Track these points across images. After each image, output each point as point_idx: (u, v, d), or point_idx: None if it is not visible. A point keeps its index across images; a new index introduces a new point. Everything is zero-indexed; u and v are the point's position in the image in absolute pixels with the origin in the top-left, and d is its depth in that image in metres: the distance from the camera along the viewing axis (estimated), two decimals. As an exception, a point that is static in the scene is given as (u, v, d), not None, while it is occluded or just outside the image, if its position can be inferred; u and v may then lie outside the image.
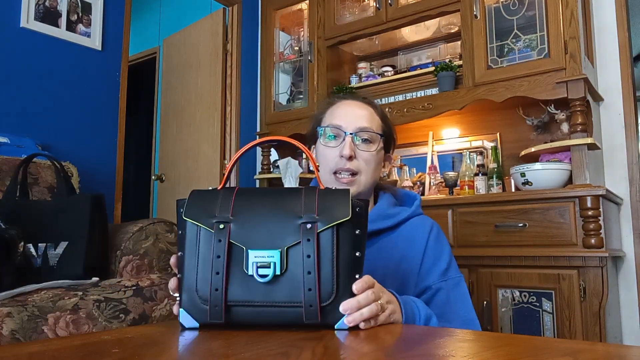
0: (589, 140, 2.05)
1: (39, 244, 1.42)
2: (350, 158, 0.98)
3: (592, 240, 1.87)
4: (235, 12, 3.39)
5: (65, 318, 1.19)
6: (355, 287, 0.67)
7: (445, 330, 0.72)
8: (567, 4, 2.15)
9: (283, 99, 3.32)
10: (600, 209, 1.91)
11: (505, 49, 2.39)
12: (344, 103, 1.06)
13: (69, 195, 1.54)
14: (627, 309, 2.28)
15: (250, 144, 0.75)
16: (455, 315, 0.97)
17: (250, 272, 0.65)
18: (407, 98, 2.72)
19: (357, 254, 0.68)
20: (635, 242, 2.31)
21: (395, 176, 2.76)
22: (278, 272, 0.65)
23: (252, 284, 0.65)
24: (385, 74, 2.93)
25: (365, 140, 1.01)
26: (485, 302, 2.06)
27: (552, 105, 2.30)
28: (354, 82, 3.00)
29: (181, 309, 0.68)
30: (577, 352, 0.50)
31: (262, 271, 0.65)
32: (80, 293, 1.27)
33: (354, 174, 0.99)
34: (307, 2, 3.13)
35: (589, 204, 1.89)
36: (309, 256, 0.65)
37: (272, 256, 0.65)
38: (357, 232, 0.68)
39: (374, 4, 2.80)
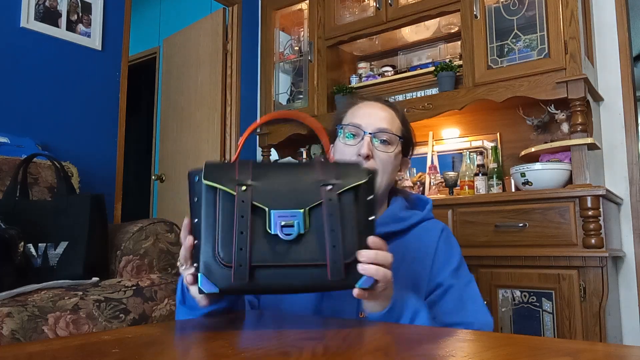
0: (589, 140, 2.05)
1: (39, 244, 1.42)
2: (368, 157, 0.98)
3: (592, 240, 1.87)
4: (235, 12, 3.39)
5: (65, 318, 1.19)
6: (370, 240, 0.69)
7: (445, 330, 0.72)
8: (567, 4, 2.15)
9: (283, 99, 3.32)
10: (600, 209, 1.91)
11: (506, 49, 2.39)
12: (366, 104, 1.07)
13: (69, 195, 1.54)
14: (627, 309, 2.28)
15: (269, 116, 0.77)
16: (472, 315, 0.97)
17: (274, 231, 0.65)
18: (407, 98, 2.72)
19: (370, 218, 0.70)
20: (635, 242, 2.31)
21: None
22: (302, 230, 0.65)
23: (276, 245, 0.65)
24: (385, 74, 2.93)
25: (383, 142, 1.01)
26: (485, 302, 2.06)
27: (552, 105, 2.30)
28: (354, 82, 3.00)
29: (200, 274, 0.66)
30: (577, 352, 0.50)
31: (286, 230, 0.65)
32: (81, 293, 1.27)
33: None
34: (307, 2, 3.13)
35: (589, 204, 1.89)
36: (331, 214, 0.66)
37: (295, 215, 0.66)
38: (369, 197, 0.71)
39: (374, 4, 2.80)
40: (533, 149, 2.26)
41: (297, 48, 3.26)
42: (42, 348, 0.62)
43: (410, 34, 2.91)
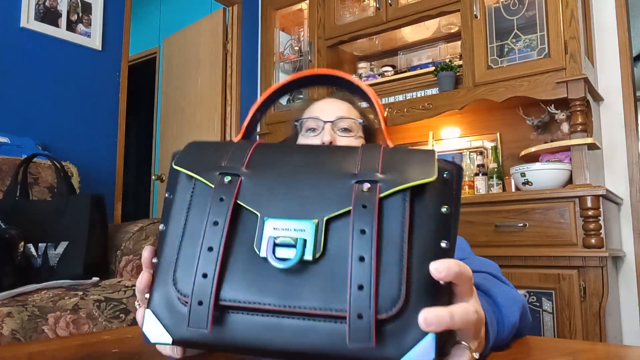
0: (589, 140, 2.05)
1: (39, 244, 1.42)
2: (331, 143, 0.96)
3: (592, 240, 1.87)
4: (235, 12, 3.39)
5: (65, 318, 1.19)
6: (434, 266, 0.39)
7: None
8: (567, 4, 2.15)
9: (283, 99, 3.32)
10: (600, 209, 1.91)
11: (505, 49, 2.39)
12: (321, 100, 1.08)
13: (69, 195, 1.54)
14: (627, 309, 2.28)
15: (295, 75, 0.53)
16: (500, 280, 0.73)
17: (262, 253, 0.40)
18: (407, 98, 2.72)
19: (442, 244, 0.41)
20: (635, 242, 2.31)
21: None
22: (309, 256, 0.39)
23: (265, 275, 0.40)
24: (386, 74, 2.93)
25: (344, 130, 1.00)
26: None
27: (552, 105, 2.30)
28: (354, 82, 3.00)
29: (147, 310, 0.42)
30: (577, 352, 0.50)
31: (281, 252, 0.40)
32: (81, 293, 1.27)
33: None
34: (307, 2, 3.13)
35: (589, 204, 1.89)
36: (363, 232, 0.39)
37: (301, 229, 0.40)
38: (443, 209, 0.42)
39: (374, 4, 2.80)
40: (533, 149, 2.26)
41: (297, 48, 3.26)
42: (42, 348, 0.62)
43: (410, 34, 2.92)
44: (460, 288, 0.41)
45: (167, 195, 0.46)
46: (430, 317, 0.37)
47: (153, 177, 3.92)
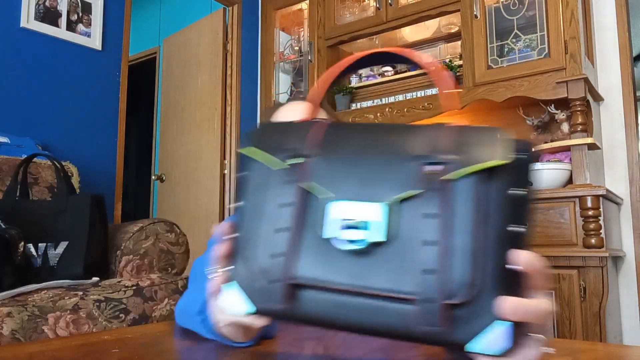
0: (589, 140, 2.05)
1: (39, 244, 1.42)
2: None
3: (592, 240, 1.87)
4: (235, 12, 3.39)
5: (65, 318, 1.19)
6: (515, 256, 0.38)
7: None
8: (567, 4, 2.15)
9: (283, 99, 3.32)
10: (601, 209, 1.91)
11: (506, 49, 2.39)
12: (284, 106, 1.06)
13: (69, 195, 1.54)
14: (627, 309, 2.27)
15: (363, 53, 0.52)
16: None
17: (329, 235, 0.41)
18: (408, 98, 2.72)
19: (518, 227, 0.40)
20: (635, 242, 2.31)
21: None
22: (379, 239, 0.39)
23: (334, 256, 0.41)
24: (386, 74, 2.93)
25: None
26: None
27: (552, 105, 2.30)
28: (354, 82, 3.00)
29: (233, 282, 0.44)
30: (577, 352, 0.50)
31: (349, 234, 0.40)
32: (81, 293, 1.27)
33: None
34: (307, 2, 3.13)
35: (589, 204, 1.89)
36: (432, 215, 0.39)
37: (370, 212, 0.40)
38: (517, 192, 0.41)
39: (374, 4, 2.80)
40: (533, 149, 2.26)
41: (297, 48, 3.26)
42: (42, 348, 0.62)
43: (410, 34, 2.92)
44: (532, 280, 0.40)
45: (240, 173, 0.47)
46: (508, 307, 0.37)
47: (153, 177, 3.92)
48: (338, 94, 2.95)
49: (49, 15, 2.34)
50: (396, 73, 2.90)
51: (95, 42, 2.51)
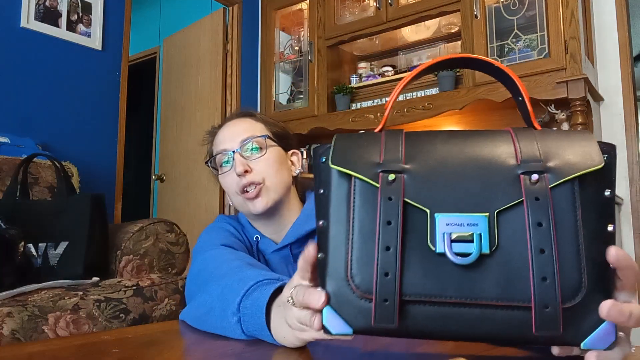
0: (589, 140, 2.05)
1: (39, 244, 1.42)
2: (247, 172, 0.93)
3: (592, 240, 1.87)
4: (235, 12, 3.39)
5: (65, 318, 1.19)
6: (615, 253, 0.41)
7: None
8: (567, 4, 2.15)
9: (283, 98, 3.32)
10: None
11: (506, 49, 2.39)
12: (223, 127, 1.02)
13: (69, 195, 1.54)
14: (627, 309, 2.28)
15: (437, 59, 0.54)
16: None
17: (439, 249, 0.41)
18: (408, 98, 2.72)
19: (609, 227, 0.42)
20: (635, 242, 2.31)
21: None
22: (486, 250, 0.41)
23: (442, 270, 0.42)
24: (386, 73, 2.93)
25: (254, 149, 0.96)
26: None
27: (553, 105, 2.30)
28: (354, 82, 3.00)
29: (326, 308, 0.44)
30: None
31: (459, 247, 0.41)
32: (81, 293, 1.27)
33: (258, 184, 0.94)
34: (307, 2, 3.13)
35: (589, 204, 1.89)
36: (540, 224, 0.40)
37: (475, 224, 0.41)
38: (607, 193, 0.43)
39: (374, 4, 2.80)
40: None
41: (297, 48, 3.26)
42: (42, 348, 0.62)
43: (410, 33, 2.92)
44: (625, 281, 0.42)
45: (320, 191, 0.47)
46: (613, 312, 0.39)
47: (153, 177, 3.92)
48: (338, 94, 2.95)
49: (49, 15, 2.34)
50: (396, 73, 2.90)
51: (95, 42, 2.51)
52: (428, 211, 0.43)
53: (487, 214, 0.41)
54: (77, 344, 0.65)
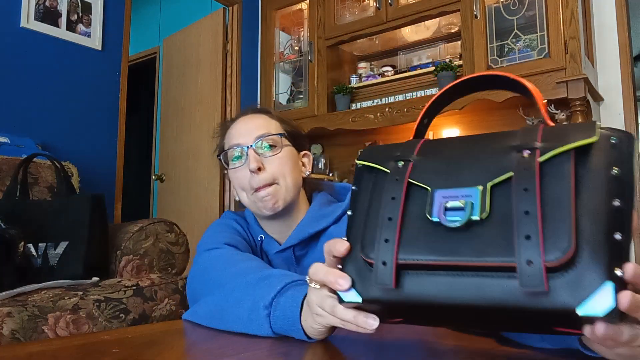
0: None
1: (39, 244, 1.42)
2: (260, 169, 0.92)
3: (592, 240, 1.87)
4: (235, 12, 3.39)
5: (65, 318, 1.19)
6: (632, 271, 0.39)
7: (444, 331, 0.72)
8: (567, 4, 2.15)
9: (283, 98, 3.32)
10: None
11: (506, 49, 2.39)
12: (237, 122, 1.01)
13: (69, 195, 1.54)
14: (627, 309, 2.28)
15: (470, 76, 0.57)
16: None
17: (434, 218, 0.45)
18: (407, 98, 2.72)
19: (615, 202, 0.41)
20: (635, 242, 2.31)
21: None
22: (477, 215, 0.43)
23: (438, 237, 0.45)
24: (386, 73, 2.93)
25: (269, 147, 0.95)
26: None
27: (553, 105, 2.30)
28: (354, 82, 3.00)
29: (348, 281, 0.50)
30: (578, 352, 0.50)
31: (453, 215, 0.45)
32: (81, 293, 1.27)
33: (271, 184, 0.93)
34: (307, 2, 3.13)
35: (589, 204, 1.89)
36: (526, 189, 0.42)
37: (468, 195, 0.45)
38: (613, 171, 0.42)
39: (374, 4, 2.80)
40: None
41: (297, 48, 3.26)
42: (42, 348, 0.62)
43: (410, 33, 2.92)
44: None
45: (354, 188, 0.54)
46: (629, 302, 0.37)
47: (153, 177, 3.92)
48: (338, 94, 2.95)
49: (49, 15, 2.34)
50: (396, 73, 2.90)
51: (95, 42, 2.51)
52: (429, 188, 0.47)
53: (481, 186, 0.45)
54: (77, 344, 0.65)
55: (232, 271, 0.78)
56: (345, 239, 0.51)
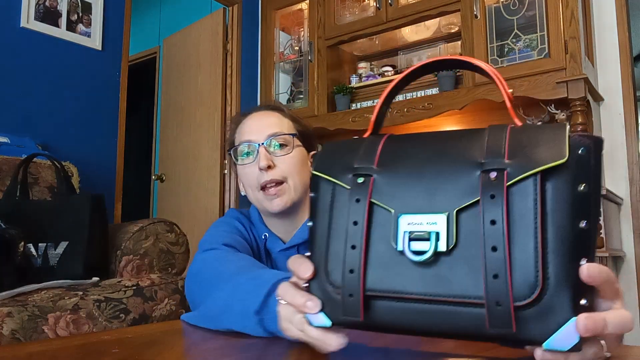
0: (589, 140, 2.05)
1: (39, 244, 1.42)
2: (270, 167, 0.92)
3: (592, 240, 1.87)
4: (235, 12, 3.39)
5: (65, 318, 1.19)
6: (587, 272, 0.39)
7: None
8: (567, 4, 2.15)
9: (283, 98, 3.32)
10: (601, 209, 1.91)
11: (506, 49, 2.39)
12: (249, 117, 1.01)
13: (69, 195, 1.54)
14: (627, 309, 2.27)
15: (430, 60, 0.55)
16: None
17: (399, 247, 0.44)
18: (408, 98, 2.72)
19: (581, 224, 0.40)
20: (635, 242, 2.31)
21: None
22: (442, 248, 0.42)
23: (404, 267, 0.44)
24: (386, 73, 2.93)
25: (280, 146, 0.95)
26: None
27: (553, 105, 2.30)
28: (354, 82, 3.00)
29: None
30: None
31: (416, 245, 0.43)
32: (81, 293, 1.27)
33: (279, 183, 0.93)
34: (307, 2, 3.13)
35: (589, 204, 1.89)
36: (493, 222, 0.40)
37: (433, 222, 0.43)
38: (580, 188, 0.41)
39: (374, 4, 2.80)
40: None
41: (297, 48, 3.26)
42: (42, 348, 0.62)
43: (410, 33, 2.92)
44: (603, 293, 0.41)
45: (311, 194, 0.52)
46: (589, 324, 0.38)
47: (153, 177, 3.92)
48: (338, 94, 2.95)
49: (49, 15, 2.34)
50: (396, 73, 2.90)
51: (95, 42, 2.51)
52: (392, 211, 0.45)
53: (447, 213, 0.43)
54: (77, 344, 0.65)
55: (224, 272, 0.77)
56: (309, 253, 0.50)
